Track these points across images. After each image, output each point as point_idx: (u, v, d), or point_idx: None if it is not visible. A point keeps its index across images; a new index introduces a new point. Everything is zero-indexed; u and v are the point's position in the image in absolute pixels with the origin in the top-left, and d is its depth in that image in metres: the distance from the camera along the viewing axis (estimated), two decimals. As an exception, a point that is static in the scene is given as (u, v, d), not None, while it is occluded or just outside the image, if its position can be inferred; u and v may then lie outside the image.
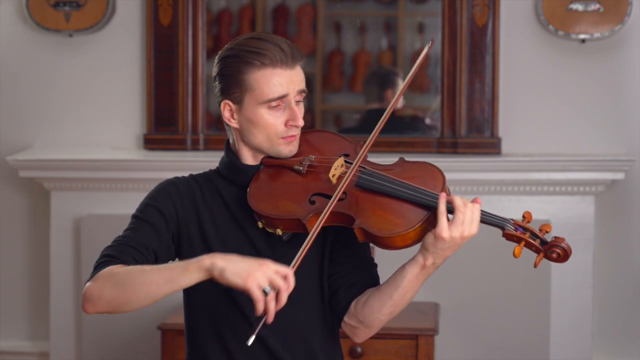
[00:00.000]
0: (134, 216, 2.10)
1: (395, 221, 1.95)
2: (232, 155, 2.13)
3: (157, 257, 2.06)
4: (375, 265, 2.16)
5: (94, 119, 3.97)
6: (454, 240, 1.92)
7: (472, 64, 3.76)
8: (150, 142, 3.91)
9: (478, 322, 3.75)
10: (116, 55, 3.94)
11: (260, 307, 1.82)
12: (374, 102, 4.04)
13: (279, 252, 2.07)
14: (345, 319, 2.10)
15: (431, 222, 1.96)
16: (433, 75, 3.99)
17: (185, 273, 1.87)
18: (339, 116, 4.17)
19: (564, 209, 3.74)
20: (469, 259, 3.64)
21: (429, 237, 1.94)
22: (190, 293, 2.15)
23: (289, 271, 1.85)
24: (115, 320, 3.82)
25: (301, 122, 2.06)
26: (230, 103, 2.07)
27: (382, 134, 4.04)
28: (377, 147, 3.77)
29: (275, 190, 2.06)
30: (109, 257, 2.01)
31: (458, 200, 1.93)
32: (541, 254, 1.95)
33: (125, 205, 3.87)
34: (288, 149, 2.08)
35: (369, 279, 2.11)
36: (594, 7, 3.68)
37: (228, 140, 2.16)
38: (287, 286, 1.83)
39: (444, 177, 2.04)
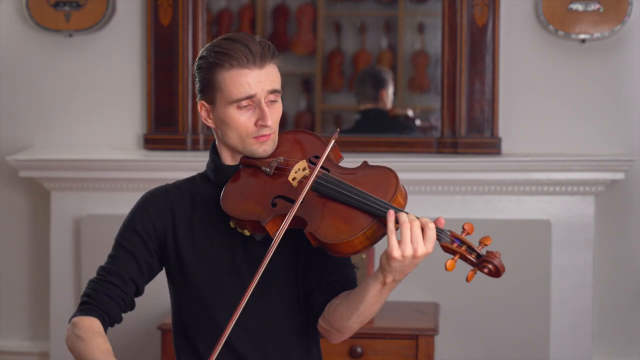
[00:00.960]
0: (116, 241, 2.20)
1: (341, 227, 1.94)
2: (214, 156, 2.16)
3: (137, 286, 2.16)
4: (352, 266, 2.15)
5: (94, 119, 3.96)
6: (406, 259, 1.87)
7: (472, 64, 3.76)
8: (150, 142, 3.91)
9: (478, 322, 3.75)
10: (116, 55, 3.94)
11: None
12: (368, 102, 4.04)
13: (252, 253, 2.10)
14: (320, 321, 2.10)
15: (378, 229, 1.94)
16: (433, 75, 3.99)
17: None
18: (339, 116, 4.17)
19: (564, 209, 3.74)
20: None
21: (383, 257, 1.90)
22: (173, 295, 2.21)
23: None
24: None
25: (269, 122, 2.05)
26: (205, 103, 2.11)
27: (382, 134, 4.05)
28: (377, 148, 3.79)
29: (245, 191, 2.08)
30: (88, 299, 2.13)
31: (403, 217, 1.88)
32: (475, 269, 1.90)
33: (125, 205, 3.85)
34: (262, 148, 2.09)
35: (344, 279, 2.11)
36: (594, 7, 3.68)
37: (214, 142, 2.18)
38: None
39: (397, 180, 1.99)
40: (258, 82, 2.04)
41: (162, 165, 3.80)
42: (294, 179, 2.04)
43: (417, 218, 1.89)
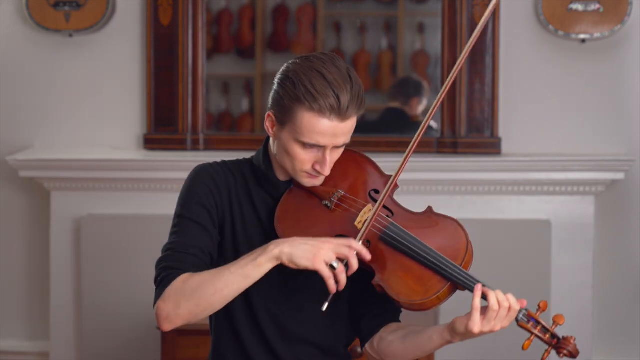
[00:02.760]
0: (180, 215, 2.05)
1: (413, 287, 1.94)
2: (267, 165, 2.08)
3: (212, 258, 2.04)
4: None
5: (94, 119, 3.96)
6: (483, 334, 1.93)
7: (472, 64, 3.76)
8: (150, 142, 3.91)
9: (478, 322, 3.74)
10: (116, 55, 3.94)
11: (332, 284, 1.88)
12: (396, 103, 4.05)
13: (304, 274, 2.02)
14: (367, 347, 2.11)
15: (450, 292, 1.96)
16: (433, 75, 3.99)
17: (258, 267, 1.90)
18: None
19: (564, 209, 3.74)
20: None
21: (460, 326, 1.93)
22: None
23: (352, 241, 1.91)
24: (115, 320, 3.82)
25: (327, 172, 2.00)
26: (274, 118, 2.02)
27: (382, 134, 4.04)
28: (378, 147, 3.78)
29: (302, 220, 2.03)
30: (170, 270, 1.97)
31: (493, 299, 1.92)
32: (550, 349, 1.97)
33: (125, 205, 3.88)
34: (310, 182, 2.04)
35: (394, 310, 2.12)
36: (594, 7, 3.68)
37: (268, 140, 2.10)
38: (354, 252, 1.89)
39: (467, 239, 1.98)
40: (332, 135, 1.96)
41: (162, 165, 3.80)
42: (359, 222, 2.00)
43: (506, 294, 1.93)
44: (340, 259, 1.89)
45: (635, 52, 3.76)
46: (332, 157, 2.01)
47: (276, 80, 2.02)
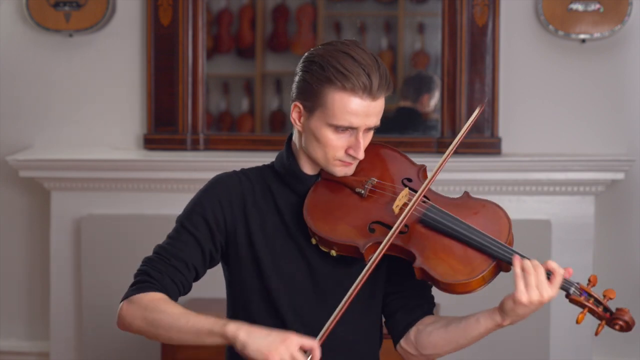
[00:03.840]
0: (180, 222, 2.04)
1: (458, 267, 1.90)
2: (292, 160, 2.04)
3: (197, 273, 2.02)
4: (430, 287, 2.10)
5: (94, 119, 3.96)
6: (532, 304, 1.90)
7: (472, 64, 3.76)
8: (150, 142, 3.91)
9: (478, 322, 3.74)
10: (116, 55, 3.94)
11: None
12: (407, 102, 4.05)
13: (332, 270, 2.01)
14: (402, 343, 2.05)
15: (496, 271, 1.93)
16: (433, 75, 3.99)
17: (210, 337, 1.87)
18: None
19: (564, 209, 3.74)
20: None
21: (508, 302, 1.90)
22: (232, 293, 2.10)
23: (314, 344, 1.81)
24: (115, 320, 3.81)
25: (361, 155, 1.95)
26: (301, 107, 1.99)
27: (382, 134, 4.06)
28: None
29: (334, 210, 1.98)
30: (147, 278, 1.99)
31: (528, 264, 1.89)
32: (603, 322, 1.92)
33: (125, 205, 3.88)
34: (343, 171, 1.99)
35: (428, 303, 2.08)
36: (594, 7, 3.68)
37: (290, 136, 2.07)
38: (317, 349, 1.80)
39: (509, 221, 1.96)
40: (365, 115, 1.93)
41: (162, 165, 3.80)
42: (397, 206, 1.94)
43: (546, 262, 1.90)
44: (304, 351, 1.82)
45: (635, 52, 3.76)
46: (364, 141, 1.97)
47: (299, 69, 1.99)
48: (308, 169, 2.04)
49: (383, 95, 1.95)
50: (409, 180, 2.02)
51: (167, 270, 1.99)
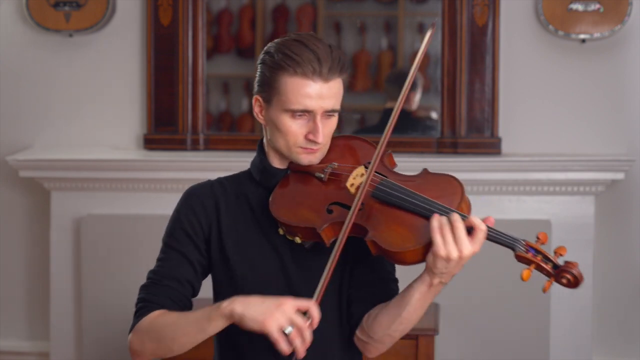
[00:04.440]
0: (164, 242, 2.07)
1: (407, 236, 1.88)
2: (262, 156, 2.07)
3: (193, 287, 2.05)
4: (395, 281, 2.09)
5: (94, 119, 3.97)
6: (451, 259, 1.83)
7: (472, 64, 3.76)
8: (150, 142, 3.91)
9: (478, 322, 3.75)
10: (116, 55, 3.94)
11: (283, 348, 1.79)
12: (393, 102, 4.04)
13: (301, 259, 2.03)
14: (357, 333, 2.04)
15: None
16: (433, 75, 3.99)
17: (211, 322, 1.88)
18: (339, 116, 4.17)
19: (564, 209, 3.74)
20: (468, 259, 3.64)
21: (429, 257, 1.85)
22: (216, 296, 2.11)
23: (310, 305, 1.82)
24: (115, 320, 3.82)
25: (321, 139, 1.97)
26: (261, 100, 2.02)
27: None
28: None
29: (297, 197, 2.00)
30: (145, 303, 2.02)
31: (444, 219, 1.84)
32: (552, 279, 1.85)
33: (125, 205, 3.88)
34: (307, 159, 2.01)
35: (384, 293, 2.04)
36: (594, 7, 3.68)
37: (261, 140, 2.09)
38: (310, 323, 1.80)
39: (462, 189, 1.95)
40: (319, 97, 1.95)
41: (162, 165, 3.80)
42: (352, 185, 1.97)
43: (467, 218, 1.86)
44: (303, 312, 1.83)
45: (635, 52, 3.76)
46: (325, 127, 1.99)
47: (257, 65, 2.03)
48: (277, 163, 2.06)
49: (336, 77, 1.97)
50: (369, 163, 2.01)
51: (162, 291, 2.02)
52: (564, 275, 1.83)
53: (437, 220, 1.84)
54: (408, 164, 3.75)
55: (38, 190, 3.99)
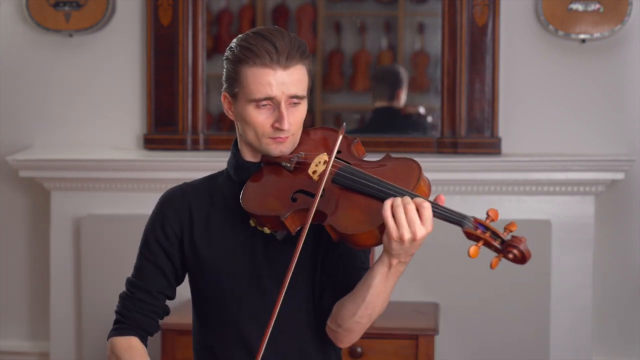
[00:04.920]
0: (140, 251, 2.18)
1: (361, 218, 1.89)
2: (235, 151, 2.11)
3: (166, 296, 2.15)
4: (365, 269, 2.08)
5: (94, 119, 3.97)
6: (405, 241, 1.84)
7: (472, 64, 3.76)
8: (150, 142, 3.91)
9: (478, 322, 3.75)
10: (116, 55, 3.94)
11: None
12: (383, 101, 4.04)
13: (273, 252, 2.06)
14: (328, 322, 2.05)
15: None
16: (433, 75, 3.99)
17: None
18: (338, 116, 4.17)
19: (564, 209, 3.74)
20: (468, 259, 3.63)
21: (384, 238, 1.86)
22: (192, 293, 2.17)
23: None
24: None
25: (286, 126, 1.99)
26: (228, 96, 2.06)
27: (382, 134, 4.05)
28: (377, 147, 3.78)
29: (266, 188, 2.03)
30: (121, 318, 2.18)
31: (397, 201, 1.84)
32: (500, 255, 1.84)
33: (125, 205, 3.87)
34: (278, 149, 2.04)
35: (354, 281, 2.03)
36: (594, 7, 3.68)
37: (236, 139, 2.13)
38: None
39: (419, 170, 1.94)
40: (280, 83, 1.98)
41: (162, 165, 3.80)
42: (314, 172, 2.00)
43: (413, 199, 1.85)
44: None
45: (635, 52, 3.76)
46: (291, 116, 2.01)
47: (223, 62, 2.08)
48: (250, 157, 2.09)
49: (297, 64, 1.99)
50: (339, 152, 2.04)
51: (134, 306, 2.14)
52: (509, 250, 1.82)
53: (388, 203, 1.84)
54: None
55: (38, 190, 3.99)
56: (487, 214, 1.86)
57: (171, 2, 3.86)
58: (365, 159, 2.07)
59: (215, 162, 3.77)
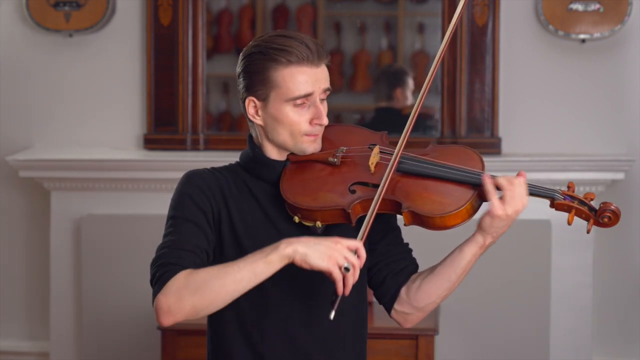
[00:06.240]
0: (173, 217, 2.04)
1: (444, 201, 1.97)
2: (257, 150, 2.09)
3: (208, 257, 2.01)
4: (411, 250, 2.18)
5: (94, 119, 3.97)
6: (509, 217, 1.97)
7: (472, 64, 3.76)
8: (150, 142, 3.91)
9: (478, 322, 3.75)
10: (116, 55, 3.94)
11: (340, 287, 1.86)
12: (382, 101, 4.04)
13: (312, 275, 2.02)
14: (396, 306, 2.11)
15: (480, 198, 2.00)
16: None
17: (268, 265, 1.87)
18: (338, 116, 4.17)
19: (564, 209, 3.74)
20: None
21: (486, 219, 1.97)
22: None
23: (359, 244, 1.88)
24: (115, 321, 3.82)
25: (325, 121, 2.03)
26: (255, 100, 2.04)
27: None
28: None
29: (311, 183, 2.04)
30: (169, 266, 1.93)
31: (502, 180, 1.98)
32: (592, 220, 2.00)
33: (125, 205, 3.88)
34: (313, 146, 2.06)
35: (411, 264, 2.13)
36: (594, 7, 3.68)
37: (250, 135, 2.12)
38: (360, 261, 1.88)
39: (480, 157, 2.06)
40: (315, 80, 2.01)
41: (162, 165, 3.80)
42: (372, 163, 2.03)
43: (512, 176, 1.98)
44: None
45: (635, 52, 3.76)
46: (323, 109, 2.05)
47: (240, 68, 2.06)
48: (275, 155, 2.09)
49: (324, 60, 2.03)
50: (374, 145, 2.10)
51: (184, 256, 1.95)
52: (604, 214, 1.99)
53: (490, 183, 1.96)
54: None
55: (38, 190, 3.99)
56: (568, 186, 2.04)
57: (171, 2, 3.86)
58: None
59: (216, 162, 3.73)
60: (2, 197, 4.05)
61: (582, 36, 3.70)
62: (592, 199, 2.02)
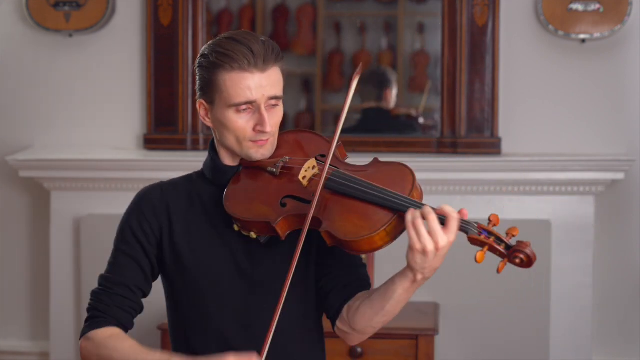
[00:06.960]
0: (115, 246, 2.14)
1: (360, 224, 1.89)
2: (213, 155, 2.11)
3: (143, 292, 2.11)
4: (364, 266, 2.11)
5: (94, 119, 3.97)
6: (428, 252, 1.83)
7: (472, 64, 3.76)
8: (150, 142, 3.91)
9: (478, 322, 3.75)
10: (116, 55, 3.94)
11: None
12: (371, 101, 4.04)
13: (256, 257, 2.06)
14: (338, 323, 2.06)
15: (399, 225, 1.90)
16: (433, 75, 3.99)
17: None
18: (338, 116, 4.17)
19: (564, 209, 3.74)
20: (469, 259, 3.63)
21: (408, 253, 1.86)
22: (169, 294, 2.16)
23: (252, 356, 1.86)
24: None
25: (268, 129, 2.00)
26: (204, 102, 2.06)
27: (381, 134, 4.05)
28: (377, 148, 3.79)
29: (250, 192, 2.03)
30: (98, 313, 2.07)
31: (416, 213, 1.85)
32: (505, 260, 1.85)
33: (125, 206, 3.85)
34: (260, 152, 2.04)
35: (358, 280, 2.07)
36: (594, 7, 3.68)
37: (213, 140, 2.13)
38: None
39: (413, 176, 1.96)
40: (259, 86, 1.98)
41: (162, 165, 3.80)
42: (304, 177, 1.99)
43: (436, 209, 1.85)
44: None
45: (635, 52, 3.76)
46: (271, 116, 2.01)
47: (194, 70, 2.07)
48: (229, 161, 2.10)
49: (273, 66, 2.00)
50: (323, 156, 2.04)
51: (113, 301, 2.08)
52: (516, 255, 1.84)
53: (410, 214, 1.84)
54: (408, 164, 3.76)
55: (38, 190, 3.99)
56: (489, 219, 1.88)
57: (171, 2, 3.86)
58: (346, 161, 2.08)
59: (215, 162, 3.78)
60: (2, 197, 4.05)
61: (582, 36, 3.69)
62: (513, 235, 1.87)
